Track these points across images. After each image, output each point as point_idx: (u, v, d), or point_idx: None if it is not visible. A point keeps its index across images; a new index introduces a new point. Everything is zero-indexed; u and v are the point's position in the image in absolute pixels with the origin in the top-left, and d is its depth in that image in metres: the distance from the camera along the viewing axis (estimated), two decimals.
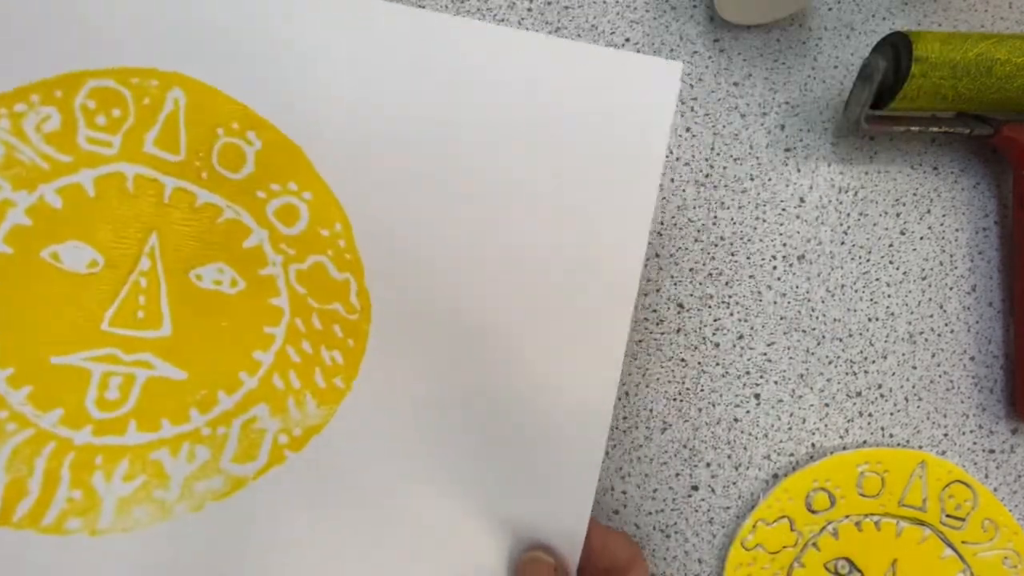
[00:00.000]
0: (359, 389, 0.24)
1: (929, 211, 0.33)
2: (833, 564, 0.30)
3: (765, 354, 0.33)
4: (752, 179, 0.33)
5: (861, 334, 0.33)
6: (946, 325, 0.33)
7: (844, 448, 0.32)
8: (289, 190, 0.23)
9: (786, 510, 0.30)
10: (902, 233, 0.33)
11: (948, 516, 0.30)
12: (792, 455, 0.32)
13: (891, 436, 0.32)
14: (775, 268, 0.33)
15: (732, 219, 0.33)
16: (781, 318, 0.33)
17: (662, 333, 0.33)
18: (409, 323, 0.24)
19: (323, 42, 0.23)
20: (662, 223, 0.33)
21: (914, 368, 0.33)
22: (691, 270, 0.33)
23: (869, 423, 0.32)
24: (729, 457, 0.32)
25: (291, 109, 0.23)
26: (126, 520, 0.22)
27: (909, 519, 0.30)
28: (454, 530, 0.25)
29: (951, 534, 0.30)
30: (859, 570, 0.30)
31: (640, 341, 0.33)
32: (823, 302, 0.33)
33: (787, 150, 0.34)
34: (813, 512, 0.30)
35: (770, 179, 0.33)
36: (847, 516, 0.30)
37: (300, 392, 0.24)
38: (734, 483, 0.32)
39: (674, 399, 0.33)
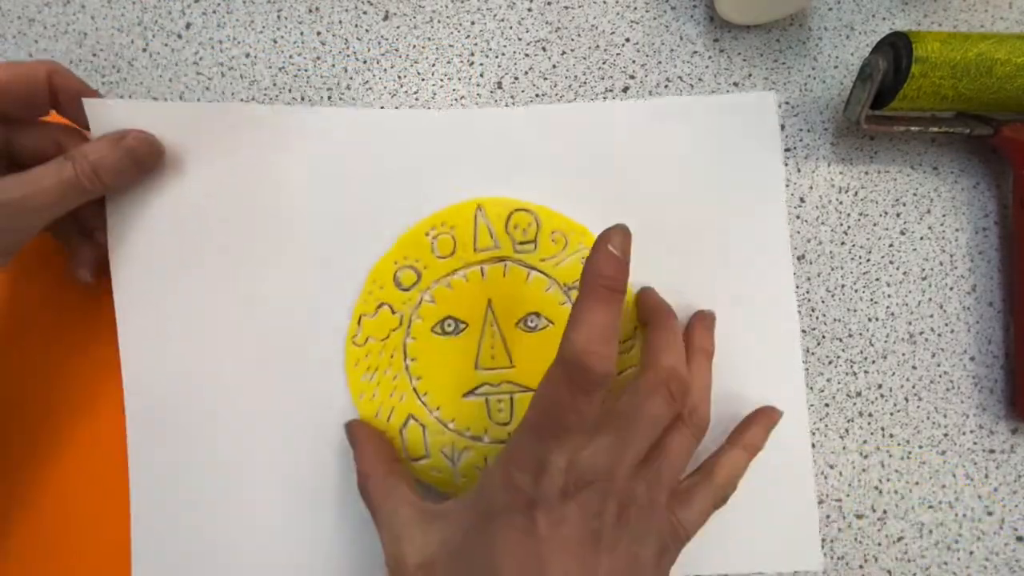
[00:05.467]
0: None
1: (929, 211, 0.33)
2: (439, 326, 0.31)
3: None
4: None
5: (861, 334, 0.33)
6: (946, 325, 0.33)
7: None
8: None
9: (381, 298, 0.32)
10: (902, 233, 0.33)
11: (520, 244, 0.32)
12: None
13: (891, 436, 0.32)
14: None
15: None
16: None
17: None
18: None
19: (575, 152, 0.33)
20: None
21: (914, 368, 0.33)
22: None
23: (869, 423, 0.32)
24: None
25: (573, 203, 0.32)
26: None
27: (488, 260, 0.32)
28: None
29: (528, 258, 0.32)
30: (463, 322, 0.31)
31: None
32: (823, 302, 0.33)
33: (787, 150, 0.34)
34: (405, 290, 0.32)
35: None
36: (436, 281, 0.32)
37: None
38: None
39: None
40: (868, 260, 0.33)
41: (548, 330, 0.31)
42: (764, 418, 0.30)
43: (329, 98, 0.34)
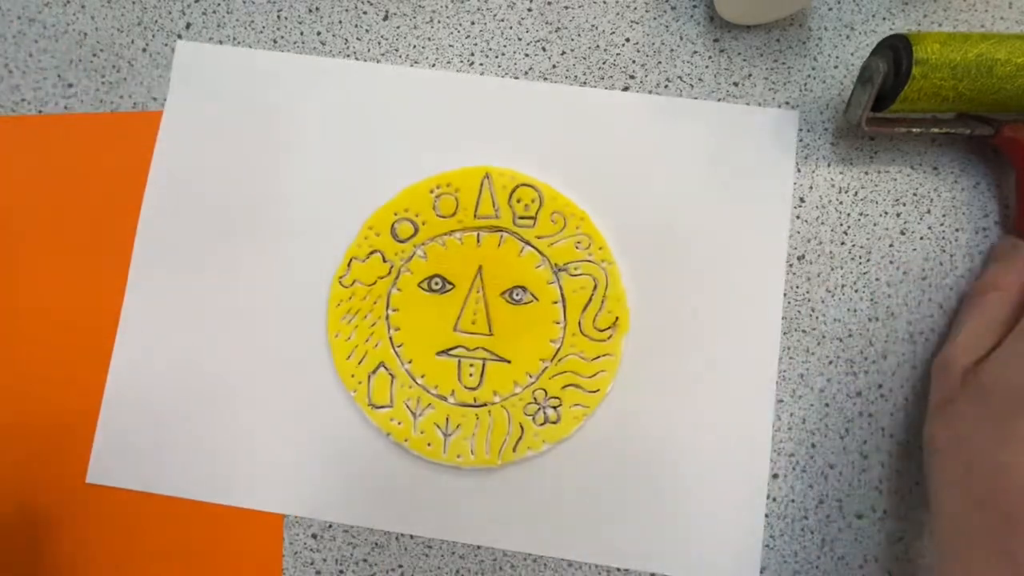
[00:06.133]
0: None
1: (929, 211, 0.33)
2: (427, 282, 0.32)
3: None
4: None
5: (861, 334, 0.33)
6: (946, 325, 0.33)
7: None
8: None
9: (375, 245, 0.33)
10: (902, 233, 0.33)
11: (520, 218, 0.33)
12: (792, 455, 0.32)
13: (891, 436, 0.32)
14: None
15: None
16: (781, 318, 0.33)
17: None
18: (656, 330, 0.32)
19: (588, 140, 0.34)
20: None
21: (914, 368, 0.33)
22: None
23: (869, 423, 0.32)
24: None
25: (578, 186, 0.33)
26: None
27: (486, 228, 0.32)
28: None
29: (525, 233, 0.32)
30: (451, 282, 0.32)
31: None
32: (823, 302, 0.33)
33: None
34: (401, 241, 0.33)
35: None
36: (432, 238, 0.33)
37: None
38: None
39: None
40: (868, 260, 0.33)
41: (531, 305, 0.32)
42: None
43: None
